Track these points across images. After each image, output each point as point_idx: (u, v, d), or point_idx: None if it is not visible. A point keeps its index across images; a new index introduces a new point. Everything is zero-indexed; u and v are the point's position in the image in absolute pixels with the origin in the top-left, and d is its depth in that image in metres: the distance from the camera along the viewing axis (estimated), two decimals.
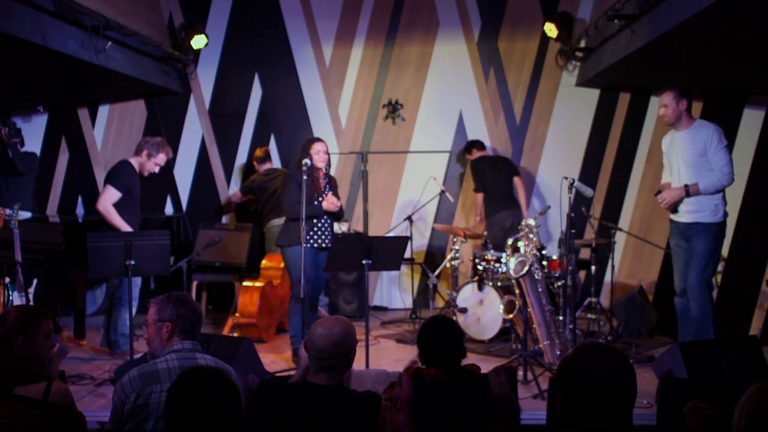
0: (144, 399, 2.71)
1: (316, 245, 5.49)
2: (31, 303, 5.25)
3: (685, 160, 5.09)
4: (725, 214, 5.10)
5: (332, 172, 5.91)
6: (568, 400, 2.04)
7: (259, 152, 7.53)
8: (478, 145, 7.43)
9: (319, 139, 5.65)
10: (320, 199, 5.50)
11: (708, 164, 5.01)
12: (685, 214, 5.10)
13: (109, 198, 5.56)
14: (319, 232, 5.51)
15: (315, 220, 5.48)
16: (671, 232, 5.26)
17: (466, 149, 7.51)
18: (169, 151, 5.89)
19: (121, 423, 2.75)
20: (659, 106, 5.18)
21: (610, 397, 1.99)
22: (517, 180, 7.25)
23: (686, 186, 5.01)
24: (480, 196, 7.30)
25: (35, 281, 5.44)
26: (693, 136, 5.06)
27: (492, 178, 7.20)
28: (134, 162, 5.75)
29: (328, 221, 5.57)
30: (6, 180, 6.35)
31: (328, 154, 5.66)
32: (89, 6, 5.55)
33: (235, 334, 6.13)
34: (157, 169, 5.84)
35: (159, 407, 2.70)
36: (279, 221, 6.82)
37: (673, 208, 5.12)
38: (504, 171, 7.25)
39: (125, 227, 5.51)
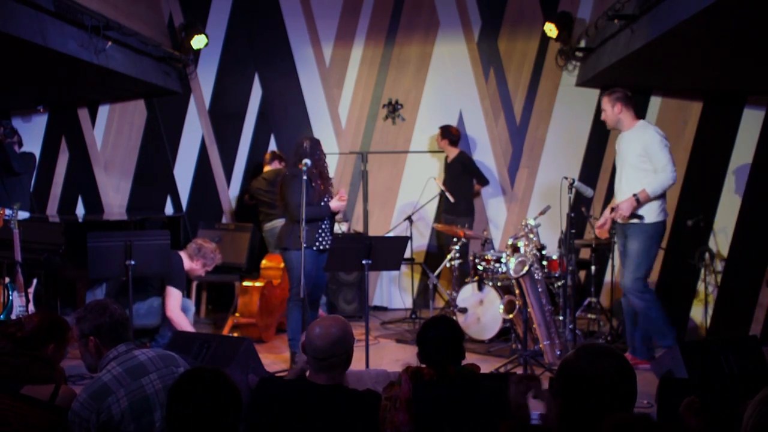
0: (106, 414, 2.67)
1: (321, 247, 5.39)
2: (31, 303, 5.25)
3: (625, 160, 5.22)
4: (665, 214, 5.18)
5: (332, 173, 5.89)
6: (568, 402, 2.03)
7: (268, 155, 7.53)
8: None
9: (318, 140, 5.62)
10: (326, 199, 5.41)
11: (646, 164, 5.09)
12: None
13: (177, 303, 5.34)
14: (324, 234, 5.42)
15: (320, 222, 5.38)
16: (616, 233, 5.38)
17: (452, 140, 7.45)
18: (220, 259, 5.71)
19: None
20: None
21: (611, 399, 1.99)
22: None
23: (635, 195, 5.05)
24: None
25: (35, 281, 5.44)
26: (633, 137, 5.20)
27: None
28: (185, 260, 5.52)
29: (330, 222, 5.50)
30: (3, 180, 6.35)
31: None
32: (89, 6, 5.55)
33: (235, 334, 6.13)
34: (204, 274, 5.72)
35: (123, 415, 2.68)
36: (278, 222, 6.81)
37: (630, 216, 5.11)
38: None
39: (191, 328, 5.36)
